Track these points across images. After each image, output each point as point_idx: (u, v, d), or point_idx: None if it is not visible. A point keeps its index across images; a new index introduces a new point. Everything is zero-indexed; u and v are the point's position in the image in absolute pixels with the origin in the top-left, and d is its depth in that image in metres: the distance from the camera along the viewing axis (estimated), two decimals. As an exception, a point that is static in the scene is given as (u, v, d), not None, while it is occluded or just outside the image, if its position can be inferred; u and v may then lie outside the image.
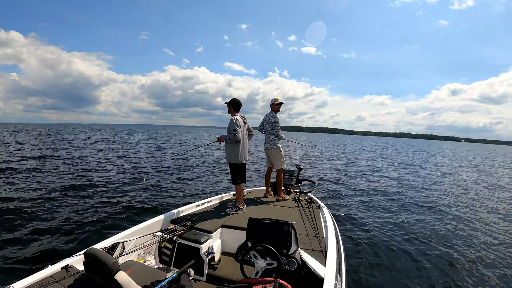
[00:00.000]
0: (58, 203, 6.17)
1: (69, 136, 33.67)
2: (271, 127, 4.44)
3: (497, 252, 4.68)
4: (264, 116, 4.61)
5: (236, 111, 3.81)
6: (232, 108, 3.81)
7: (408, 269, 4.03)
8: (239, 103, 3.80)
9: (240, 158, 3.74)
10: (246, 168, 3.90)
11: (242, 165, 3.80)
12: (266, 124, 4.49)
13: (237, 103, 3.78)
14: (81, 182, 8.25)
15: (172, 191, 7.93)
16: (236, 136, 3.60)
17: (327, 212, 3.63)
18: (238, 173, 3.78)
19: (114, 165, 12.05)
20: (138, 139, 31.90)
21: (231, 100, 3.82)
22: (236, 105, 3.79)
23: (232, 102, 3.80)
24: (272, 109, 4.50)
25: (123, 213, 5.73)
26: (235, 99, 3.81)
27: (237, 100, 3.80)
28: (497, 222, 6.36)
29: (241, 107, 3.83)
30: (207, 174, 11.17)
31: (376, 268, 4.02)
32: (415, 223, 6.02)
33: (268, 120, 4.46)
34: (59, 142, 22.25)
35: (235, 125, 3.62)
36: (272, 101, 4.49)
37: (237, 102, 3.78)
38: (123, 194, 7.19)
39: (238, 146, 3.71)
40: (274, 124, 4.41)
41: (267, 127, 4.49)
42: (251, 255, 2.09)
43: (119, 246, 2.40)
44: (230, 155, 3.75)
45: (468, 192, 10.01)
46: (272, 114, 4.47)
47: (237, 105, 3.79)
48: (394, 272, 3.92)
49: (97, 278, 1.66)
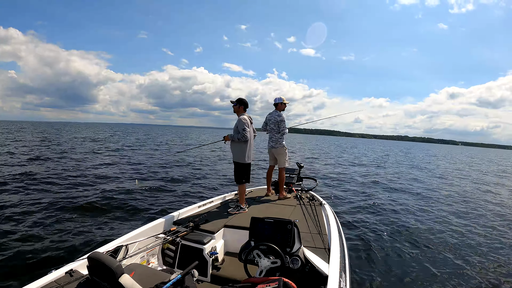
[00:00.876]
0: (60, 208, 6.17)
1: (68, 135, 33.57)
2: (277, 125, 4.45)
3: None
4: (267, 116, 4.61)
5: (245, 111, 3.89)
6: (242, 108, 3.88)
7: (411, 265, 4.03)
8: (247, 103, 3.90)
9: (247, 158, 3.77)
10: (250, 168, 3.93)
11: (247, 164, 3.83)
12: (271, 123, 4.49)
13: (246, 103, 3.88)
14: (82, 185, 8.25)
15: (173, 192, 7.93)
16: (245, 135, 3.64)
17: (329, 210, 3.63)
18: (243, 173, 3.79)
19: (114, 166, 12.04)
20: (139, 139, 31.84)
21: (240, 100, 3.88)
22: (246, 105, 3.88)
23: (241, 102, 3.86)
24: (278, 108, 4.53)
25: (125, 216, 5.73)
26: (243, 99, 3.87)
27: (245, 100, 3.89)
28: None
29: (248, 107, 3.92)
30: (208, 174, 11.17)
31: (379, 264, 4.02)
32: (418, 221, 6.03)
33: (273, 119, 4.47)
34: (59, 142, 22.16)
35: (244, 125, 3.66)
36: (279, 100, 4.52)
37: (246, 102, 3.88)
38: (125, 197, 7.19)
39: (246, 146, 3.74)
40: (281, 122, 4.42)
41: (272, 126, 4.49)
42: (255, 255, 2.08)
43: (122, 249, 2.40)
44: (237, 155, 3.76)
45: (475, 193, 10.01)
46: (278, 113, 4.49)
47: (246, 105, 3.89)
48: (398, 269, 3.92)
49: (102, 282, 1.65)
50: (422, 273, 3.81)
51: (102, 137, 34.05)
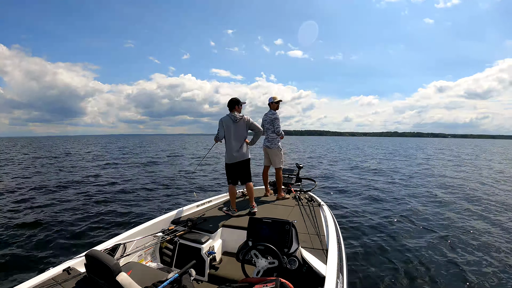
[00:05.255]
0: (59, 206, 6.17)
1: (65, 147, 33.39)
2: (272, 124, 4.46)
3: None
4: (263, 116, 4.63)
5: (231, 110, 3.72)
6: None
7: (409, 267, 4.04)
8: (230, 103, 3.76)
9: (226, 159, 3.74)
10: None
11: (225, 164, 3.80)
12: (267, 123, 4.51)
13: (228, 103, 3.76)
14: (81, 185, 8.24)
15: (172, 191, 7.93)
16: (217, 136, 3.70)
17: (328, 211, 3.63)
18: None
19: (114, 166, 12.04)
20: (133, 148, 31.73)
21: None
22: (228, 104, 3.75)
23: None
24: (271, 107, 4.55)
25: (123, 215, 5.73)
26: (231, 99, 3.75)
27: (231, 99, 3.74)
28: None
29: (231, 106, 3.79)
30: (208, 174, 11.18)
31: (377, 266, 4.02)
32: (418, 222, 6.03)
33: (268, 119, 4.48)
34: (52, 152, 22.10)
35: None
36: (271, 100, 4.56)
37: (229, 101, 3.75)
38: (124, 195, 7.19)
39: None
40: (274, 120, 4.43)
41: (268, 125, 4.50)
42: (252, 255, 2.09)
43: (120, 248, 2.40)
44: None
45: (475, 186, 10.04)
46: (272, 111, 4.51)
47: (230, 105, 3.73)
48: (396, 271, 3.92)
49: (99, 280, 1.66)
50: (420, 275, 3.82)
51: (98, 150, 33.72)
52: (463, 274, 3.85)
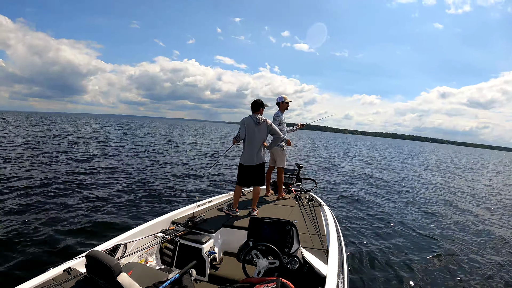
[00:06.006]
0: (59, 206, 6.16)
1: (66, 128, 33.11)
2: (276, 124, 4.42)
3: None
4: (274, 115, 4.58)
5: (254, 112, 3.63)
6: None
7: (411, 267, 4.04)
8: (254, 105, 3.65)
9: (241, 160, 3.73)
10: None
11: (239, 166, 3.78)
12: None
13: (252, 105, 3.66)
14: (80, 183, 8.24)
15: (172, 191, 7.92)
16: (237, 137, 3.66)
17: (328, 211, 3.63)
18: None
19: (114, 165, 12.02)
20: (139, 134, 31.66)
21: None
22: (252, 106, 3.64)
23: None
24: (280, 107, 4.45)
25: (123, 215, 5.72)
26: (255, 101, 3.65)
27: (256, 101, 3.65)
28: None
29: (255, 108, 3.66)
30: (208, 174, 11.16)
31: (378, 266, 4.02)
32: (418, 223, 6.03)
33: (273, 119, 4.43)
34: (56, 135, 21.86)
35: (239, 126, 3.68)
36: (281, 99, 4.42)
37: (253, 103, 3.65)
38: (124, 195, 7.18)
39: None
40: (273, 122, 4.37)
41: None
42: (253, 255, 2.08)
43: (121, 248, 2.40)
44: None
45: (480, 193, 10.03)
46: (276, 112, 4.44)
47: (254, 107, 3.64)
48: (396, 271, 3.92)
49: (99, 280, 1.65)
50: (420, 275, 3.82)
51: (100, 131, 33.28)
52: (463, 274, 3.85)
